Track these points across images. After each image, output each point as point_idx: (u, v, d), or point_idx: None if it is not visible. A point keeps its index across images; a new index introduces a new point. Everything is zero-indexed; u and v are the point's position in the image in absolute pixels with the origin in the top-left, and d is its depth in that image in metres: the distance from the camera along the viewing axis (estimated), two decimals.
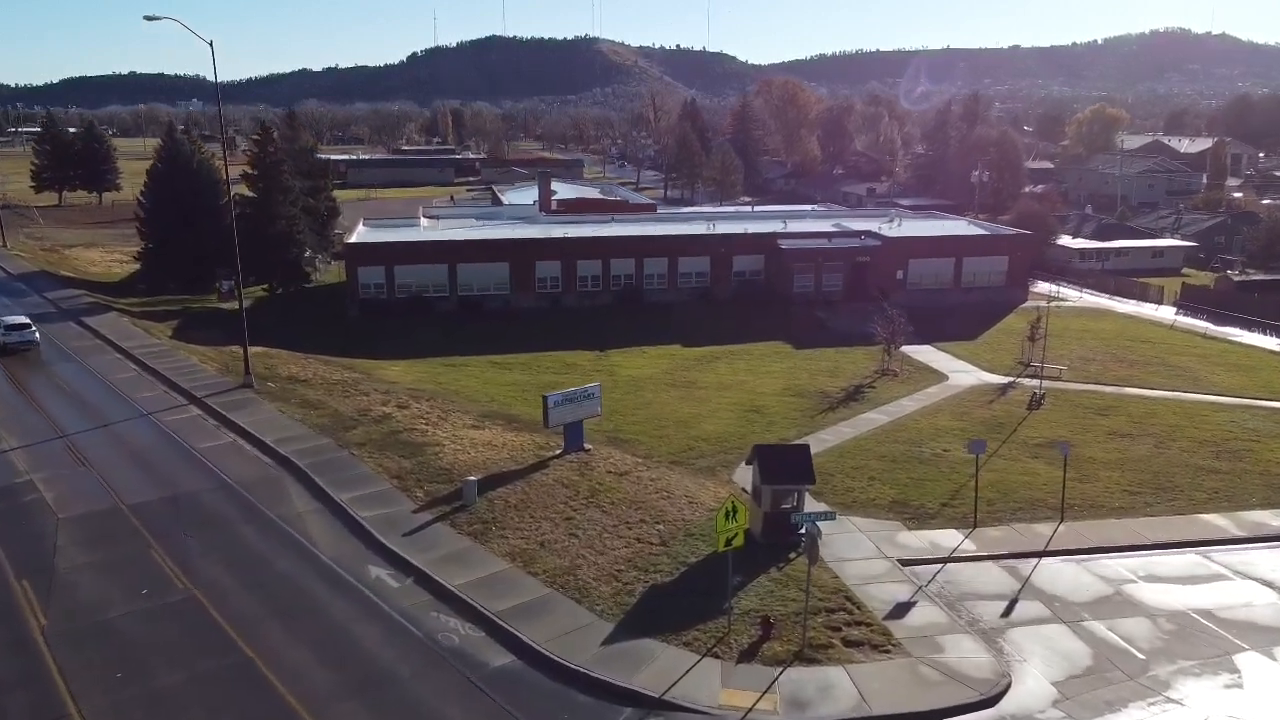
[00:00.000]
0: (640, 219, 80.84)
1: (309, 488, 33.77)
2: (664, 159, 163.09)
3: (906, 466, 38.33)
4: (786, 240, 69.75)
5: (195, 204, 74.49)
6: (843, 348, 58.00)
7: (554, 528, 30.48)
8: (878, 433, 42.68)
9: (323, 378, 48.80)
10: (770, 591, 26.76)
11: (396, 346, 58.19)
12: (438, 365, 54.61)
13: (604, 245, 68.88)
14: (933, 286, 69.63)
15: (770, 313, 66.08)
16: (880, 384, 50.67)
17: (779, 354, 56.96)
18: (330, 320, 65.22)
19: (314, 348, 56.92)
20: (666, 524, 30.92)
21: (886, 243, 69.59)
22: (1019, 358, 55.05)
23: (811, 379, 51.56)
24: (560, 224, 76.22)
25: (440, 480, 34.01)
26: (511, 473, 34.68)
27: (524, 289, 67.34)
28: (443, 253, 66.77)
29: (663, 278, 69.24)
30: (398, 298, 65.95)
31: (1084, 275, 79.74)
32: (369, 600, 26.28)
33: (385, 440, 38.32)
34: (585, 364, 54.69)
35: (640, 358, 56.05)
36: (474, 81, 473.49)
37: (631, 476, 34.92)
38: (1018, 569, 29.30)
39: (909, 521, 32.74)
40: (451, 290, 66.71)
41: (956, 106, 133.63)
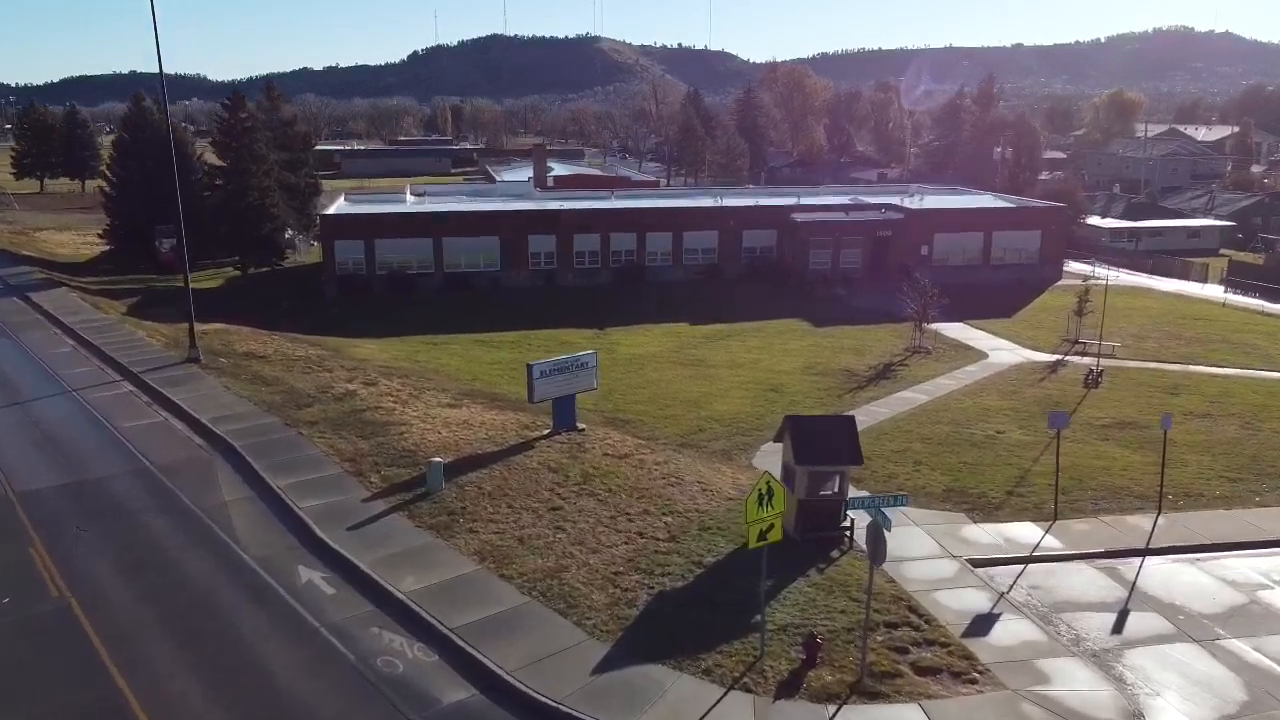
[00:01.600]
0: (642, 194, 74.64)
1: (243, 472, 27.64)
2: (666, 149, 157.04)
3: (957, 450, 32.17)
4: (801, 214, 63.61)
5: (165, 178, 68.39)
6: (866, 325, 51.83)
7: (536, 519, 24.33)
8: (917, 413, 36.53)
9: (283, 354, 42.68)
10: (811, 600, 20.60)
11: (375, 326, 52.19)
12: (417, 344, 48.54)
13: (603, 218, 62.77)
14: (960, 263, 63.43)
15: (784, 291, 59.93)
16: (913, 362, 44.52)
17: (796, 332, 50.81)
18: (306, 300, 59.13)
19: (285, 327, 50.91)
20: (675, 515, 24.78)
21: (910, 216, 63.44)
22: (1065, 334, 48.88)
23: (834, 357, 45.42)
24: (556, 199, 70.05)
25: (402, 464, 27.86)
26: (488, 455, 28.53)
27: (516, 266, 61.22)
28: (427, 225, 60.65)
29: (667, 254, 63.10)
30: (378, 275, 59.80)
31: (1116, 255, 73.51)
32: (293, 612, 20.12)
33: (343, 419, 32.17)
34: (582, 342, 48.46)
35: (643, 336, 49.93)
36: (475, 80, 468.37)
37: (632, 460, 28.77)
38: (1118, 571, 23.11)
39: (972, 513, 26.57)
40: (437, 267, 60.59)
41: (970, 90, 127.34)
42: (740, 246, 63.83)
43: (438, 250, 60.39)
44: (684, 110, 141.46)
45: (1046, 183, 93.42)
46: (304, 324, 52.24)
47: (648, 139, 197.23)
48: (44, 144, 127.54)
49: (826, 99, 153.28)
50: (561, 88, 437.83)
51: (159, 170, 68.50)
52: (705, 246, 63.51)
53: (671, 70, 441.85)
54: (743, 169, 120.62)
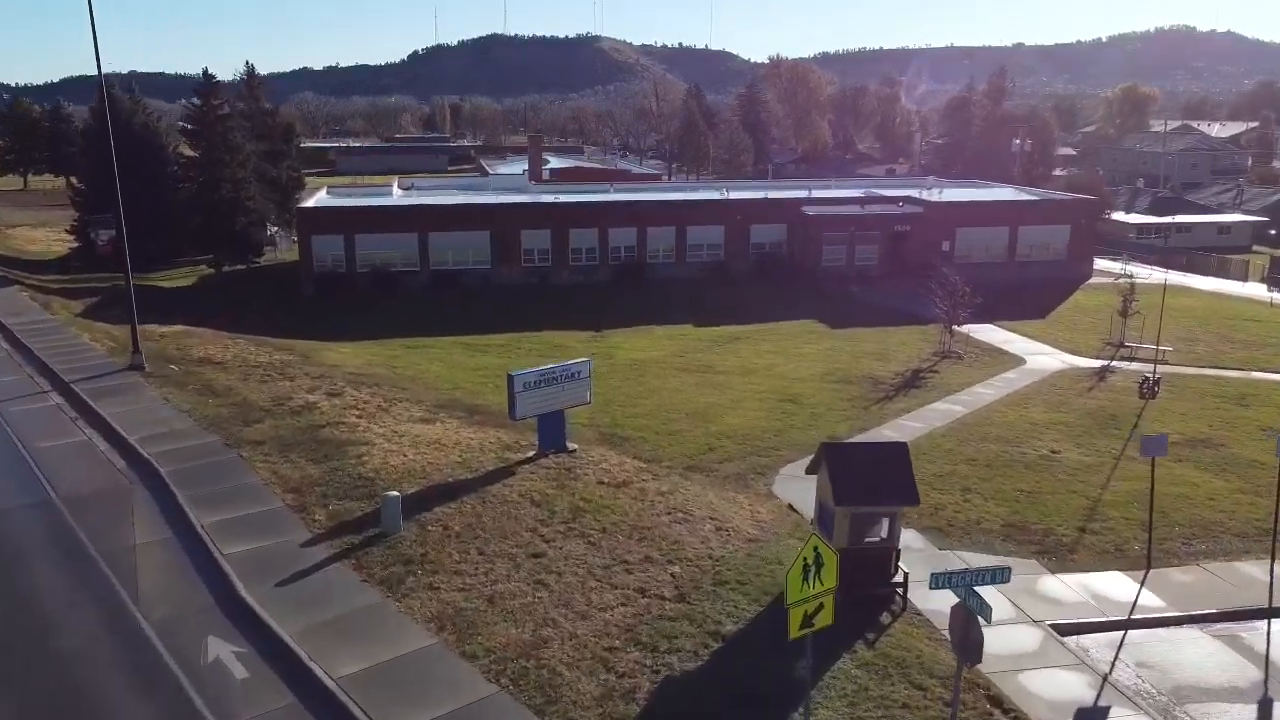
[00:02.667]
0: (643, 187, 69.82)
1: (164, 506, 22.83)
2: (668, 146, 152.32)
3: (1009, 473, 27.37)
4: (813, 206, 58.82)
5: (136, 170, 63.66)
6: (887, 327, 47.05)
7: (513, 570, 19.53)
8: (957, 428, 31.72)
9: (243, 360, 37.88)
10: (862, 689, 15.78)
11: (354, 327, 47.47)
12: (397, 347, 43.80)
13: (601, 212, 57.99)
14: (983, 259, 58.59)
15: (795, 289, 55.14)
16: (943, 368, 39.73)
17: (812, 334, 45.99)
18: (281, 299, 54.36)
19: (257, 329, 46.17)
20: (684, 563, 19.98)
21: (930, 209, 58.62)
22: (1108, 337, 44.09)
23: (855, 362, 40.62)
24: (552, 192, 65.22)
25: (356, 495, 23.04)
26: (460, 484, 23.72)
27: (508, 262, 56.43)
28: (412, 220, 55.88)
29: (669, 251, 58.32)
30: (359, 272, 55.04)
31: (1145, 252, 68.65)
32: (187, 707, 15.32)
33: (295, 438, 27.36)
34: (578, 346, 43.78)
35: (644, 339, 45.13)
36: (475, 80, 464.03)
37: (632, 488, 23.97)
38: (1242, 640, 18.31)
39: (1043, 556, 21.77)
40: (423, 264, 55.82)
41: (980, 84, 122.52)
42: (748, 242, 59.04)
43: (423, 246, 55.63)
44: (686, 105, 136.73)
45: (1067, 177, 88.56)
46: (278, 325, 47.54)
47: (648, 137, 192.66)
48: (27, 140, 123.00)
49: (831, 94, 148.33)
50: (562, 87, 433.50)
51: (131, 163, 64.00)
52: (711, 242, 58.73)
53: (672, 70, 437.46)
54: (746, 164, 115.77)
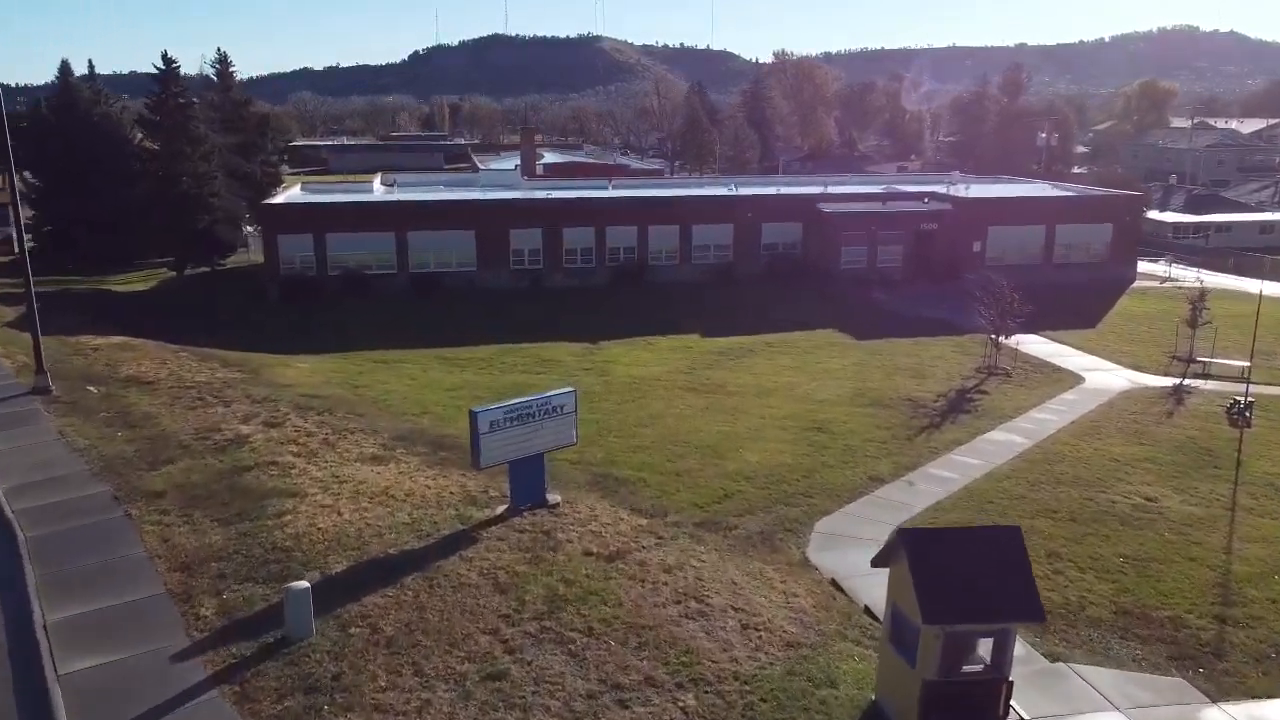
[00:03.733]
0: (645, 183, 64.02)
1: (5, 591, 17.05)
2: (670, 144, 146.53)
3: (1102, 531, 21.62)
4: (831, 203, 53.02)
5: (95, 165, 58.07)
6: (919, 338, 41.28)
7: (460, 702, 13.74)
8: (1023, 466, 25.97)
9: (178, 379, 32.10)
10: None
11: (321, 336, 41.93)
12: (365, 361, 38.07)
13: (598, 209, 52.23)
14: (1016, 261, 52.76)
15: (812, 294, 49.36)
16: (991, 388, 33.98)
17: (835, 346, 40.20)
18: (245, 305, 48.63)
19: (211, 339, 40.54)
20: (700, 686, 14.20)
21: (960, 206, 52.81)
22: (1173, 350, 38.32)
23: (888, 380, 34.84)
24: (545, 188, 59.39)
25: (263, 574, 17.24)
26: (405, 557, 17.93)
27: (495, 264, 50.67)
28: (389, 217, 50.12)
29: (673, 252, 52.55)
30: (330, 275, 49.29)
31: (1187, 253, 62.81)
32: None
33: (208, 486, 21.59)
34: (569, 360, 38.09)
35: (645, 352, 39.36)
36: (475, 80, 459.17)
37: (630, 561, 18.21)
38: None
39: (1183, 665, 15.98)
40: (401, 266, 50.07)
41: (991, 81, 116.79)
42: (759, 242, 53.26)
43: (401, 246, 49.88)
44: (688, 102, 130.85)
45: (1090, 174, 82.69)
46: (236, 334, 42.01)
47: (649, 136, 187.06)
48: None
49: (838, 90, 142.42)
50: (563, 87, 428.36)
51: (90, 157, 58.46)
52: (718, 242, 52.94)
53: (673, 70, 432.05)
54: (751, 162, 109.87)
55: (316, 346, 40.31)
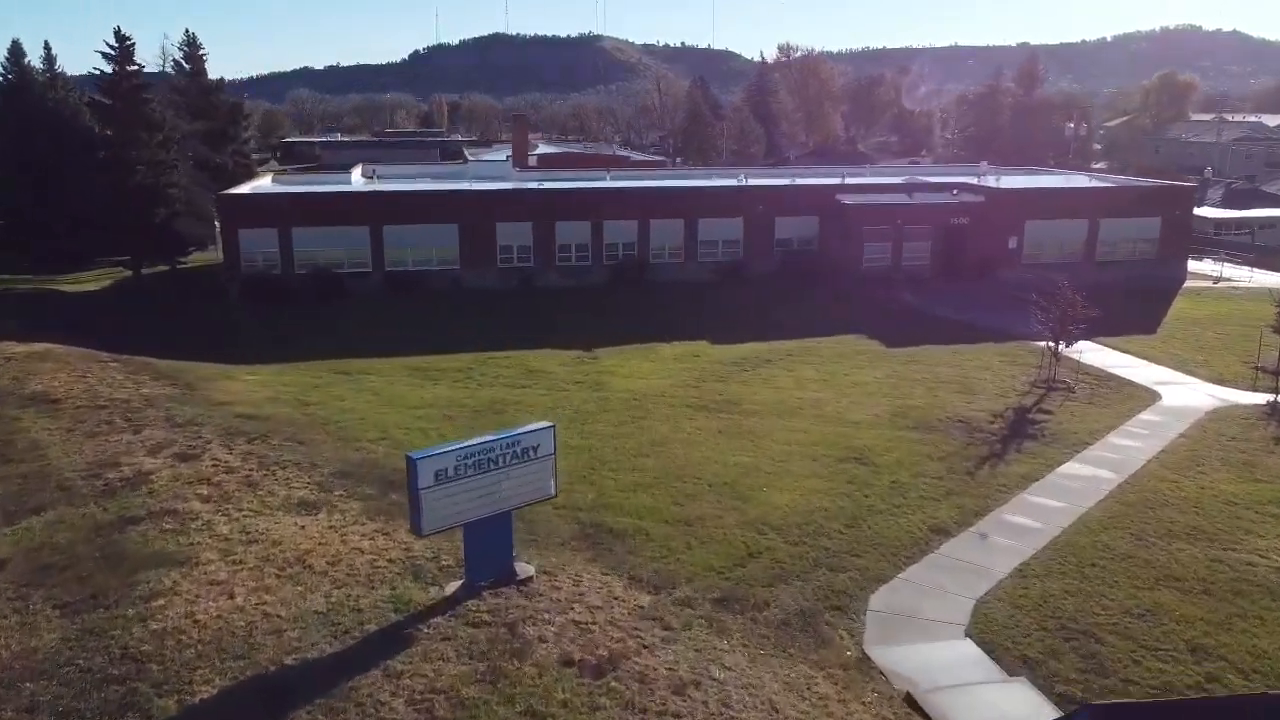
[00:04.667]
0: (646, 174, 58.56)
1: None
2: (671, 140, 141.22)
3: (1254, 609, 16.30)
4: (851, 195, 47.59)
5: (52, 156, 52.69)
6: (958, 345, 35.83)
7: None
8: (1119, 511, 20.60)
9: (93, 396, 26.76)
10: None
11: (281, 343, 36.62)
12: (325, 372, 32.72)
13: (594, 201, 46.82)
14: (1055, 259, 47.38)
15: (832, 295, 43.97)
16: (1054, 405, 28.62)
17: (863, 355, 34.77)
18: (203, 308, 43.24)
19: (160, 346, 35.30)
20: None
21: (994, 198, 47.36)
22: (1255, 361, 32.94)
23: (932, 396, 29.45)
24: (538, 180, 53.89)
25: (97, 705, 11.86)
26: (305, 673, 12.55)
27: (480, 262, 45.28)
28: (364, 210, 44.70)
29: (677, 249, 47.16)
30: (297, 274, 43.88)
31: (1235, 250, 57.28)
32: None
33: (73, 550, 16.24)
34: (560, 371, 32.73)
35: (647, 361, 33.95)
36: (476, 79, 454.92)
37: (625, 675, 12.83)
38: None
39: None
40: (376, 263, 44.67)
41: (1009, 70, 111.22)
42: (771, 237, 47.82)
43: (376, 242, 44.47)
44: (691, 95, 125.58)
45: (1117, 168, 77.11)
46: (187, 340, 36.77)
47: (650, 134, 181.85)
48: None
49: (845, 84, 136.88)
50: (563, 87, 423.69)
51: (51, 149, 53.06)
52: (727, 237, 47.51)
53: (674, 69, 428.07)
54: (757, 157, 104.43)
55: (274, 354, 35.00)
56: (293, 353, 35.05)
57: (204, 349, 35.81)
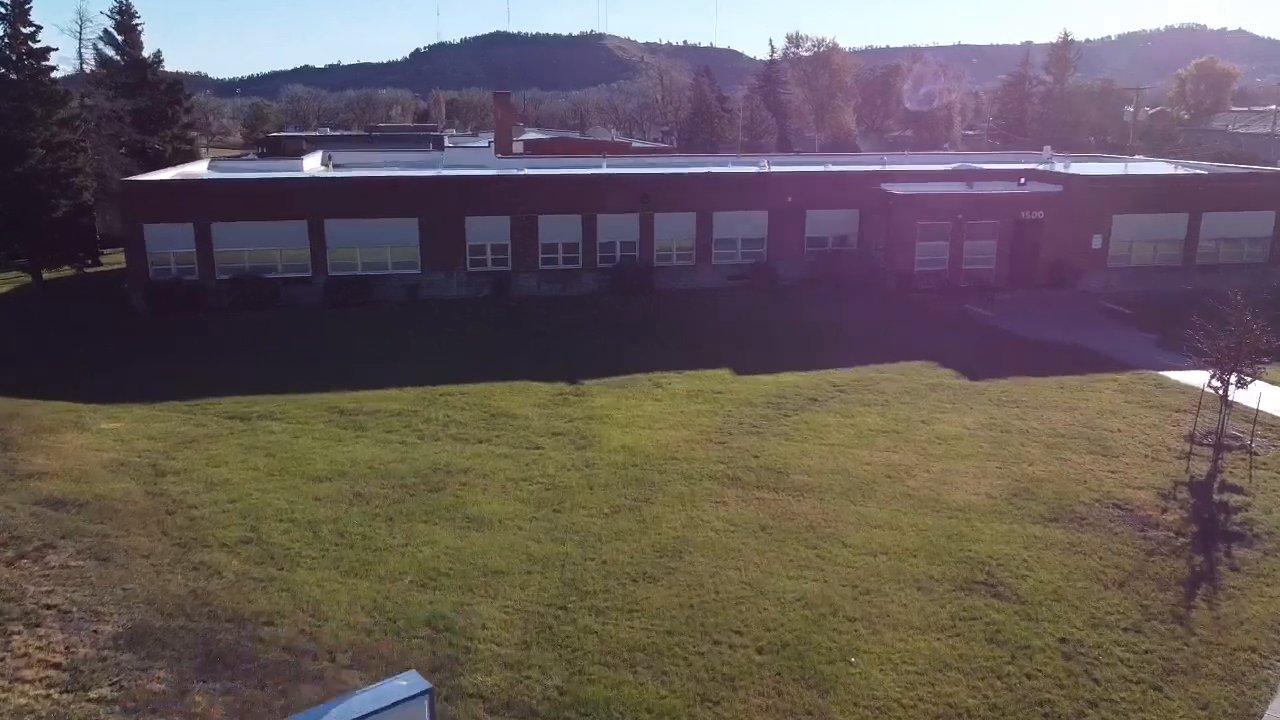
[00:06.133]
0: (650, 162, 49.20)
1: None
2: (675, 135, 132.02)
3: None
4: (899, 184, 38.41)
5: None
6: (1061, 376, 26.59)
7: None
8: None
9: None
10: None
11: (183, 371, 27.72)
12: (218, 416, 23.67)
13: (587, 191, 37.64)
14: (1146, 262, 38.35)
15: (879, 306, 34.87)
16: (1239, 476, 19.45)
17: (940, 391, 25.51)
18: (100, 321, 34.11)
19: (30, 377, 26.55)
20: None
21: (1073, 187, 38.10)
22: None
23: (1057, 461, 20.29)
24: (521, 167, 44.53)
25: None
26: None
27: (445, 265, 36.17)
28: (300, 200, 35.50)
29: (687, 248, 38.01)
30: (219, 279, 34.78)
31: None
32: None
33: None
34: (534, 415, 23.61)
35: (651, 400, 24.77)
36: (478, 78, 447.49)
37: None
38: None
39: None
40: (316, 266, 35.54)
41: (1037, 56, 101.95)
42: (802, 235, 38.67)
43: (317, 240, 35.34)
44: (696, 87, 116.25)
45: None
46: (62, 367, 27.97)
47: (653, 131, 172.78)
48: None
49: (858, 74, 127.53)
50: (565, 85, 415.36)
51: None
52: (749, 235, 38.37)
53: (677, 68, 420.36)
54: (769, 150, 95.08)
55: (167, 385, 26.01)
56: (189, 384, 26.02)
57: (85, 377, 27.02)
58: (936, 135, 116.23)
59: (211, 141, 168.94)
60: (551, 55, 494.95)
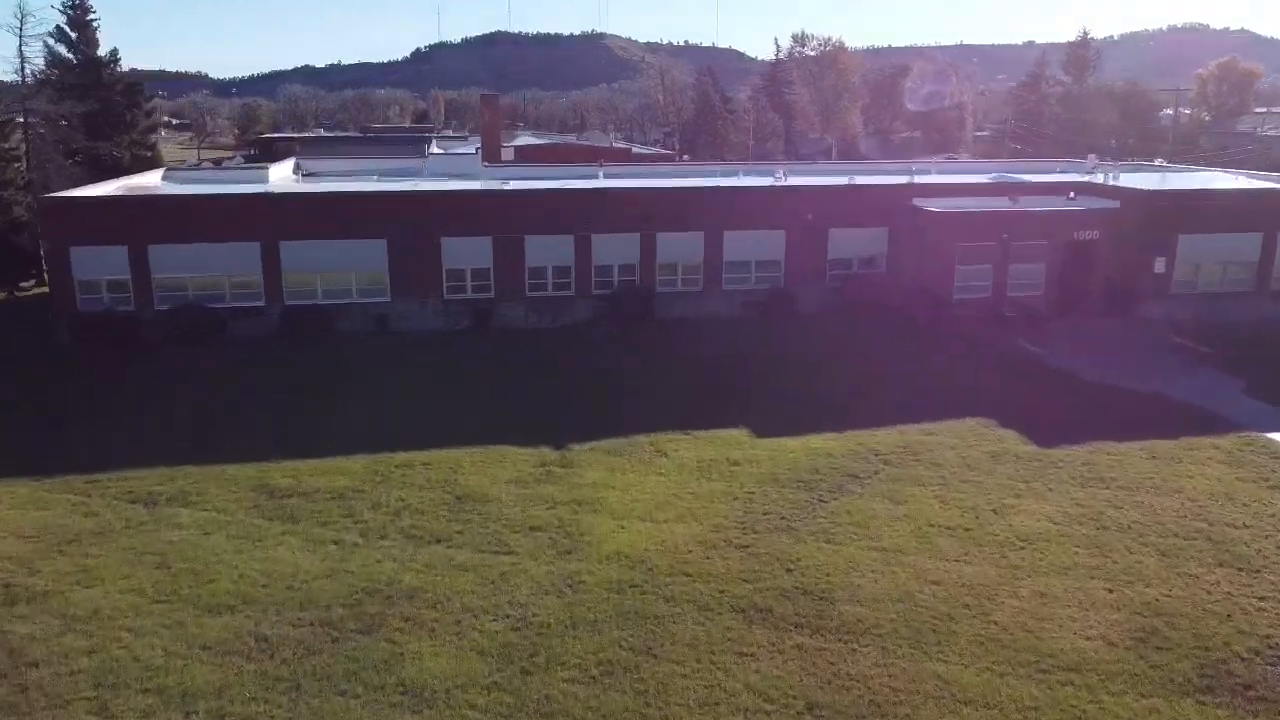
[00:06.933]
0: (651, 171, 44.26)
1: None
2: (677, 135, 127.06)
3: None
4: (933, 200, 33.54)
5: None
6: (1148, 440, 21.71)
7: None
8: None
9: None
10: None
11: (101, 425, 23.25)
12: (117, 498, 19.14)
13: (580, 207, 32.74)
14: (1214, 288, 33.54)
15: (917, 341, 29.99)
16: None
17: (1008, 463, 20.58)
18: (19, 360, 29.20)
19: None
20: None
21: (1132, 202, 33.20)
22: None
23: (1179, 578, 15.45)
24: (510, 177, 39.56)
25: None
26: None
27: (418, 291, 31.34)
28: (250, 218, 30.63)
29: (694, 271, 33.18)
30: (156, 309, 29.96)
31: None
32: None
33: None
34: (509, 499, 18.80)
35: (654, 474, 19.90)
36: (479, 77, 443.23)
37: None
38: None
39: None
40: (271, 294, 30.70)
41: (1055, 55, 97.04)
42: (824, 257, 33.85)
43: (271, 264, 30.50)
44: (699, 86, 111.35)
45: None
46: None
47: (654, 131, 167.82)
48: None
49: (865, 74, 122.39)
50: (566, 84, 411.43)
51: None
52: (764, 257, 33.51)
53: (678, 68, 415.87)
54: (775, 153, 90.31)
55: (68, 452, 21.32)
56: (97, 449, 21.37)
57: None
58: (947, 137, 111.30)
59: (203, 143, 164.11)
60: (552, 55, 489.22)
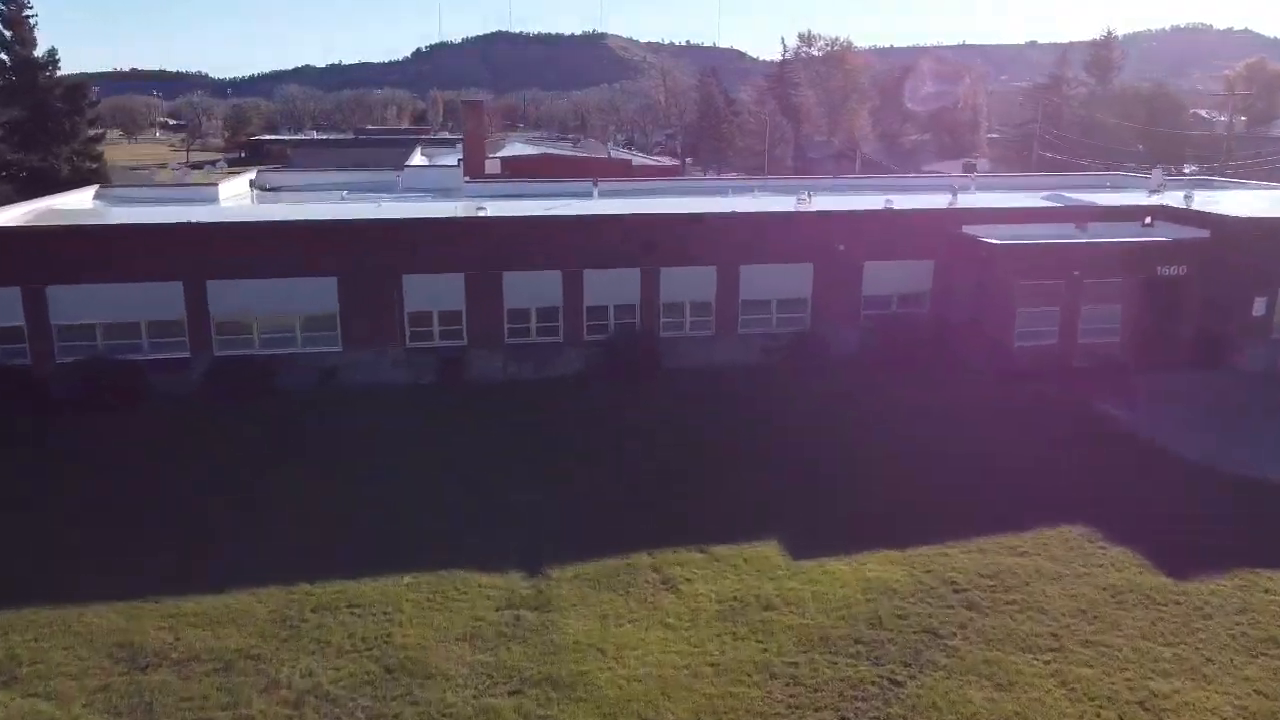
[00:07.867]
0: (654, 189, 38.64)
1: None
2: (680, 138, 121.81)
3: None
4: (987, 228, 28.00)
5: None
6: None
7: None
8: None
9: None
10: None
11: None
12: None
13: (567, 235, 27.17)
14: None
15: (967, 399, 24.51)
16: None
17: (1126, 603, 15.11)
18: None
19: None
20: None
21: (1227, 231, 27.63)
22: None
23: None
24: (494, 195, 33.91)
25: None
26: None
27: (375, 338, 25.84)
28: (171, 252, 25.08)
29: (704, 311, 27.66)
30: (59, 362, 24.48)
31: None
32: None
33: None
34: (459, 671, 13.36)
35: (657, 625, 14.37)
36: (479, 77, 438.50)
37: None
38: None
39: None
40: (197, 343, 25.19)
41: (1076, 55, 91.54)
42: (858, 295, 28.32)
43: (197, 307, 25.01)
44: (702, 87, 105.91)
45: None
46: None
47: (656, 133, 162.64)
48: None
49: (873, 75, 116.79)
50: (567, 85, 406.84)
51: None
52: (786, 295, 28.01)
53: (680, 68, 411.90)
54: (784, 158, 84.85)
55: None
56: None
57: None
58: (959, 140, 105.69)
59: (194, 145, 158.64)
60: (553, 55, 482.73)
